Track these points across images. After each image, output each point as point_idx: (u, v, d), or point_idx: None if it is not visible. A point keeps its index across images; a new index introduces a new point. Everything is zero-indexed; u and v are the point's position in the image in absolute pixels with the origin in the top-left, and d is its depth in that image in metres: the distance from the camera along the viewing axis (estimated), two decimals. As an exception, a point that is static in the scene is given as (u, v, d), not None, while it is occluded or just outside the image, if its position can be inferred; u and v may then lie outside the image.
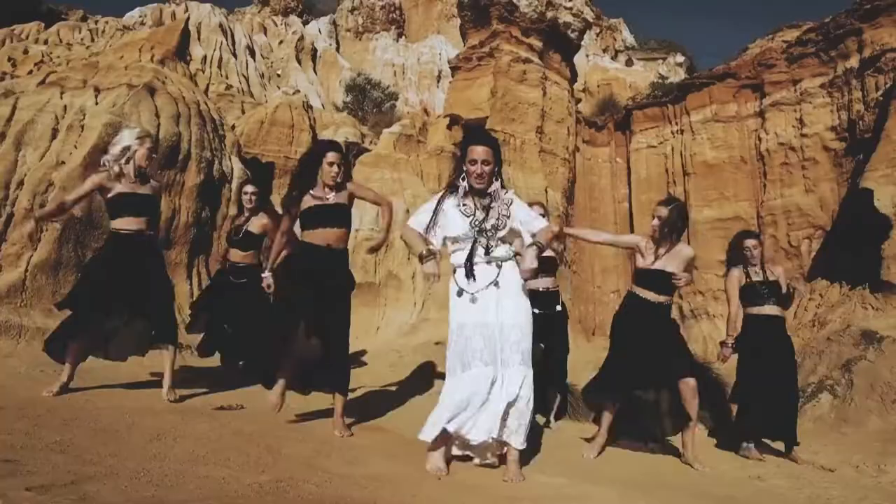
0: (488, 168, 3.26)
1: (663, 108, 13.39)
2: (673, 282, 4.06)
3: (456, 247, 3.26)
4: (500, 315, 3.15)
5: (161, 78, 7.60)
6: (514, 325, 3.16)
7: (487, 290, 3.16)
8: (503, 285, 3.18)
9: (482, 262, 3.19)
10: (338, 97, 19.95)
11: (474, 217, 3.22)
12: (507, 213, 3.26)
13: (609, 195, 14.10)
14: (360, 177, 10.70)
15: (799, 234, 10.97)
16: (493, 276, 3.18)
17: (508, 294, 3.18)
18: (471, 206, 3.25)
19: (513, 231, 3.28)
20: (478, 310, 3.15)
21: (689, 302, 12.24)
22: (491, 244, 3.20)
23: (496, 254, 3.21)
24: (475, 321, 3.15)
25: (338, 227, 3.98)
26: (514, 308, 3.18)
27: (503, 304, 3.16)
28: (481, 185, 3.26)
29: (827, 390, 6.62)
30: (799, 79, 11.45)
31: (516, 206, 3.33)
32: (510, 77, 10.81)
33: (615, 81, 19.77)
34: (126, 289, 4.16)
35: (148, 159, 4.32)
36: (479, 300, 3.16)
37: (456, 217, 3.24)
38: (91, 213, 6.22)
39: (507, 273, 3.21)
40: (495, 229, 3.21)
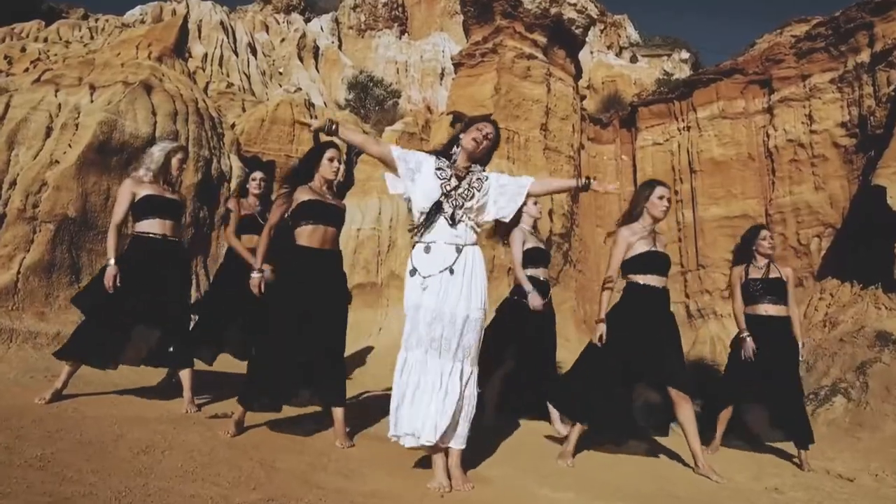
0: (488, 143, 3.23)
1: (669, 105, 13.18)
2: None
3: (422, 211, 3.12)
4: (451, 304, 2.99)
5: (158, 75, 7.45)
6: (465, 319, 3.00)
7: (441, 275, 3.01)
8: (458, 272, 3.03)
9: (441, 240, 3.06)
10: (340, 95, 19.79)
11: (447, 182, 3.12)
12: (478, 186, 3.15)
13: (614, 193, 13.90)
14: (361, 176, 10.56)
15: (808, 233, 10.76)
16: (450, 262, 3.03)
17: (464, 283, 3.03)
18: (447, 171, 3.16)
19: (481, 207, 3.16)
20: (430, 295, 3.00)
21: (696, 301, 12.05)
22: (456, 213, 3.07)
23: (458, 233, 3.07)
24: (427, 305, 3.00)
25: (334, 227, 3.85)
26: (466, 299, 3.02)
27: (455, 292, 3.00)
28: (475, 149, 3.20)
29: (841, 393, 6.44)
30: (808, 74, 11.23)
31: (494, 179, 3.23)
32: (514, 73, 10.62)
33: (620, 78, 19.56)
34: (146, 301, 4.02)
35: (179, 169, 4.33)
36: (430, 286, 3.01)
37: (430, 178, 3.13)
38: (86, 214, 6.08)
39: (465, 259, 3.07)
40: (463, 198, 3.09)
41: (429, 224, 3.07)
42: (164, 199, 4.22)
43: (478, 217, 3.18)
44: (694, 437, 3.82)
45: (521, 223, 4.96)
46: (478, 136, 3.20)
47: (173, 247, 4.26)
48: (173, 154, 4.24)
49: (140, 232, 4.16)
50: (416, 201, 3.16)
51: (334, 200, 3.93)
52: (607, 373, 3.86)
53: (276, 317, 3.68)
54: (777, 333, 4.80)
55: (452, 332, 2.99)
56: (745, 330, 4.91)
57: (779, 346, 4.78)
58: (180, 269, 4.37)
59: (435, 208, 3.07)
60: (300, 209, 3.76)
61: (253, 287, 3.92)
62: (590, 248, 13.09)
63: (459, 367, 2.99)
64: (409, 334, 3.05)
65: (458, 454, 3.01)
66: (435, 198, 3.09)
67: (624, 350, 3.82)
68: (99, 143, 6.21)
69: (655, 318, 3.87)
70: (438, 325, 2.99)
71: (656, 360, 3.81)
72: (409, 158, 3.21)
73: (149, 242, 4.15)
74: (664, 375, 3.84)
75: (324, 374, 3.67)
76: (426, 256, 3.06)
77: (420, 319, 3.01)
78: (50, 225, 5.79)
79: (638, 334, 3.82)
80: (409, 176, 3.17)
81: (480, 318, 3.08)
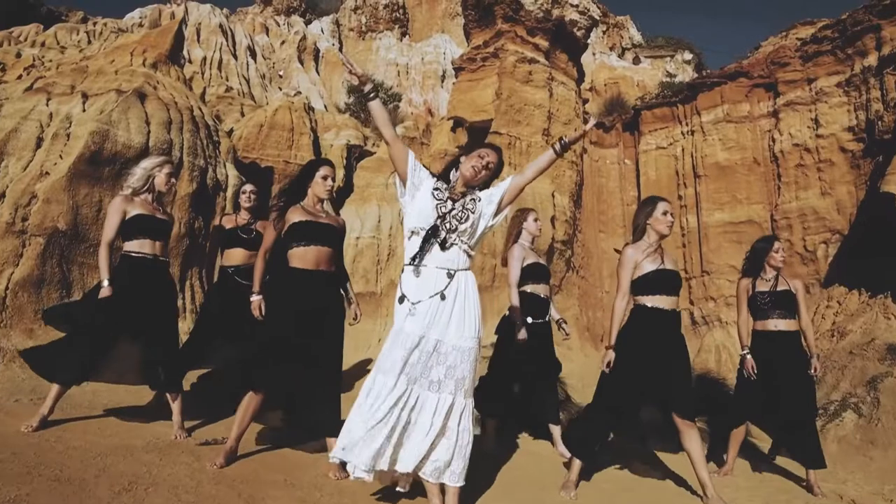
0: (487, 173, 3.09)
1: (673, 109, 13.02)
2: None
3: (413, 231, 2.99)
4: (438, 331, 2.85)
5: (152, 83, 7.31)
6: (455, 348, 2.85)
7: (430, 300, 2.86)
8: (450, 298, 2.88)
9: (432, 265, 2.91)
10: (340, 97, 19.65)
11: (442, 203, 2.97)
12: (472, 207, 3.00)
13: (617, 198, 13.74)
14: (360, 182, 10.43)
15: (815, 239, 10.59)
16: (441, 287, 2.88)
17: (455, 310, 2.88)
18: (444, 193, 3.02)
19: (474, 229, 3.00)
20: (415, 320, 2.85)
21: (701, 308, 11.89)
22: (448, 237, 2.92)
23: (450, 257, 2.92)
24: (409, 330, 2.84)
25: (329, 247, 3.70)
26: (458, 327, 2.87)
27: (445, 319, 2.86)
28: (473, 176, 3.05)
29: (851, 408, 6.27)
30: (814, 77, 11.06)
31: (485, 197, 3.06)
32: (515, 78, 10.46)
33: (622, 80, 19.39)
34: (135, 322, 3.90)
35: (168, 184, 4.18)
36: (419, 312, 2.85)
37: (426, 198, 2.99)
38: (77, 226, 5.95)
39: (458, 285, 2.92)
40: (457, 220, 2.94)
41: (420, 247, 2.92)
42: (155, 219, 4.09)
43: (471, 240, 3.03)
44: (701, 465, 3.66)
45: (521, 239, 4.82)
46: (477, 165, 3.06)
47: (163, 267, 4.15)
48: (159, 170, 4.09)
49: (130, 251, 4.03)
50: (408, 219, 3.03)
51: (329, 219, 3.78)
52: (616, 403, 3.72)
53: (266, 342, 3.54)
54: (788, 349, 4.64)
55: (436, 361, 2.84)
56: (745, 346, 4.75)
57: (790, 362, 4.61)
58: (169, 290, 4.25)
59: (430, 232, 2.93)
60: (292, 231, 3.61)
61: (254, 310, 3.77)
62: (592, 254, 12.94)
63: (446, 399, 2.83)
64: (385, 356, 2.88)
65: (454, 493, 2.85)
66: (429, 219, 2.95)
67: (631, 378, 3.67)
68: (90, 153, 6.08)
69: (663, 344, 3.71)
70: (417, 352, 2.83)
71: (663, 387, 3.66)
72: (417, 173, 3.06)
73: (139, 263, 4.02)
74: (670, 403, 3.69)
75: (318, 402, 3.52)
76: (416, 281, 2.92)
77: (399, 343, 2.85)
78: (40, 238, 5.65)
79: (645, 361, 3.67)
80: (411, 191, 3.04)
81: (474, 347, 2.91)
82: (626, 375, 3.69)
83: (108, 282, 3.83)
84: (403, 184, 3.07)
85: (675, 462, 4.36)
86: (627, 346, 3.72)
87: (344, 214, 10.21)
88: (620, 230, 13.54)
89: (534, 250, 4.92)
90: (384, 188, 10.08)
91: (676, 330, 3.82)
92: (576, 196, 11.67)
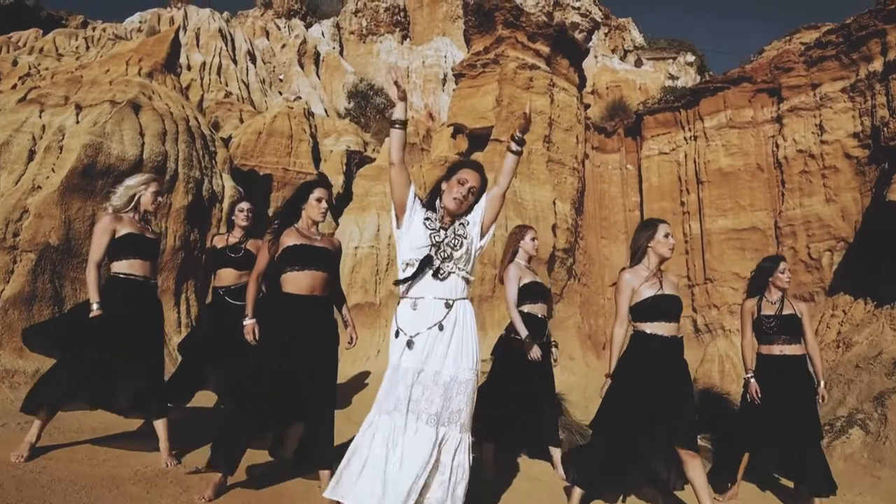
0: (472, 197, 2.96)
1: (675, 114, 12.91)
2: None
3: (407, 262, 2.89)
4: (436, 364, 2.74)
5: (147, 93, 7.21)
6: (453, 380, 2.75)
7: (429, 332, 2.76)
8: (448, 328, 2.78)
9: (430, 296, 2.81)
10: (341, 102, 19.56)
11: (435, 232, 2.88)
12: (463, 232, 2.91)
13: (619, 203, 13.63)
14: (360, 190, 10.31)
15: (819, 247, 10.46)
16: (439, 318, 2.78)
17: (453, 341, 2.78)
18: (435, 222, 2.93)
19: (469, 255, 2.91)
20: (413, 354, 2.75)
21: (704, 316, 11.76)
22: (443, 266, 2.83)
23: (447, 286, 2.83)
24: (407, 366, 2.74)
25: (324, 271, 3.59)
26: (454, 359, 2.76)
27: (442, 351, 2.76)
28: (458, 208, 2.94)
29: (858, 425, 6.15)
30: (818, 83, 10.93)
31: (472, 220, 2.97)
32: (516, 84, 10.35)
33: (625, 83, 19.27)
34: (123, 347, 3.77)
35: (153, 204, 4.06)
36: (417, 345, 2.75)
37: (419, 229, 2.89)
38: (69, 241, 5.85)
39: (456, 315, 2.82)
40: (451, 247, 2.85)
41: (416, 278, 2.82)
42: (145, 239, 3.99)
43: (468, 265, 2.93)
44: (705, 495, 3.54)
45: (518, 258, 4.70)
46: (458, 195, 2.93)
47: (152, 290, 4.05)
48: (145, 188, 3.98)
49: (119, 273, 3.92)
50: (401, 251, 2.93)
51: (324, 242, 3.67)
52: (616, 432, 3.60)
53: (256, 370, 3.44)
54: (793, 374, 4.52)
55: (435, 394, 2.73)
56: (750, 370, 4.64)
57: (795, 387, 4.50)
58: (158, 314, 4.15)
59: (424, 262, 2.83)
60: (285, 254, 3.51)
61: (247, 335, 3.65)
62: (594, 261, 12.82)
63: (443, 433, 2.72)
64: (386, 396, 2.78)
65: None
66: (423, 250, 2.85)
67: (631, 407, 3.56)
68: (83, 166, 5.99)
69: (663, 372, 3.59)
70: (419, 387, 2.73)
71: (664, 416, 3.54)
72: (414, 205, 2.96)
73: (129, 285, 3.91)
74: (672, 433, 3.57)
75: (310, 433, 3.41)
76: (413, 314, 2.82)
77: (399, 380, 2.75)
78: (31, 254, 5.56)
79: (645, 390, 3.55)
80: (407, 223, 2.94)
81: (471, 379, 2.81)
82: (625, 404, 3.58)
83: (97, 305, 3.72)
84: (400, 215, 2.96)
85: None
86: (627, 375, 3.61)
87: (343, 223, 10.10)
88: (622, 236, 13.43)
89: (530, 269, 4.81)
90: (383, 196, 9.97)
91: (677, 357, 3.70)
92: (577, 203, 11.55)
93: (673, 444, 3.59)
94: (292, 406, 3.39)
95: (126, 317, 3.81)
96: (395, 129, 2.95)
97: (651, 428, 3.58)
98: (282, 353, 3.39)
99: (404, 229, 2.95)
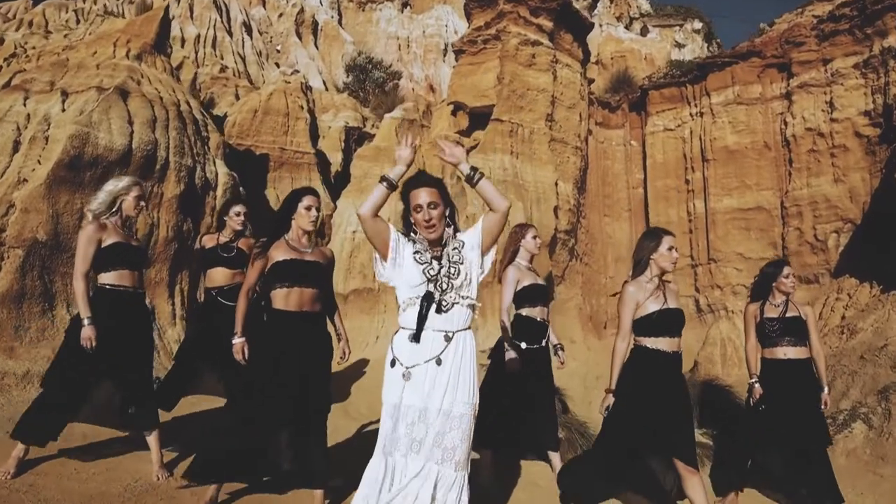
0: (437, 212, 2.77)
1: (682, 89, 12.56)
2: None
3: (407, 303, 2.76)
4: (436, 400, 2.64)
5: (136, 77, 6.98)
6: (448, 414, 2.64)
7: (426, 365, 2.65)
8: (447, 363, 2.66)
9: (430, 327, 2.68)
10: (339, 74, 19.16)
11: (429, 265, 2.73)
12: (458, 258, 2.76)
13: (623, 180, 13.37)
14: (358, 172, 10.13)
15: (826, 228, 10.25)
16: (437, 351, 2.67)
17: (451, 374, 2.66)
18: (425, 254, 2.77)
19: (469, 279, 2.76)
20: (412, 389, 2.65)
21: (707, 296, 11.64)
22: (444, 299, 2.69)
23: (448, 318, 2.69)
24: (409, 403, 2.64)
25: (315, 288, 3.45)
26: (452, 392, 2.65)
27: (442, 385, 2.65)
28: (433, 234, 2.77)
29: (861, 419, 6.07)
30: (830, 58, 10.58)
31: (467, 240, 2.81)
32: (518, 61, 10.03)
33: (630, 54, 18.80)
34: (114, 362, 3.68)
35: (136, 209, 3.91)
36: (415, 377, 2.65)
37: (410, 265, 2.75)
38: (58, 236, 5.72)
39: (456, 348, 2.70)
40: (448, 277, 2.70)
41: (419, 317, 2.68)
42: (131, 248, 3.86)
43: (470, 290, 2.78)
44: None
45: (518, 257, 4.55)
46: (425, 222, 2.75)
47: (140, 300, 3.93)
48: (126, 193, 3.82)
49: (106, 284, 3.78)
50: (400, 292, 2.80)
51: (315, 255, 3.51)
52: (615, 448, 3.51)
53: (246, 388, 3.34)
54: (798, 378, 4.42)
55: (432, 430, 2.63)
56: (754, 375, 4.54)
57: (800, 392, 4.40)
58: (148, 324, 4.06)
59: (425, 300, 2.69)
60: (274, 270, 3.37)
61: (236, 354, 3.53)
62: (597, 240, 12.65)
63: (436, 471, 2.61)
64: (388, 437, 2.68)
65: None
66: (420, 288, 2.72)
67: (631, 422, 3.46)
68: (70, 158, 5.81)
69: (664, 388, 3.49)
70: (422, 425, 2.63)
71: (664, 432, 3.45)
72: (399, 245, 2.80)
73: (118, 296, 3.79)
74: (671, 448, 3.48)
75: (303, 451, 3.33)
76: (411, 346, 2.69)
77: (401, 419, 2.65)
78: (18, 250, 5.43)
79: (645, 405, 3.45)
80: (395, 262, 2.79)
81: (467, 413, 2.69)
82: (625, 420, 3.49)
83: (88, 320, 3.59)
84: (383, 258, 2.81)
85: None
86: (627, 390, 3.51)
87: (341, 206, 9.94)
88: (625, 214, 13.23)
89: (532, 270, 4.66)
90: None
91: (678, 372, 3.60)
92: (580, 182, 11.34)
93: (673, 458, 3.50)
94: (283, 424, 3.30)
95: (115, 329, 3.70)
96: (381, 186, 2.77)
97: (651, 442, 3.50)
98: (272, 371, 3.29)
99: (392, 272, 2.79)
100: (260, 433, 3.29)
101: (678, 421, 3.49)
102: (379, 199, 2.76)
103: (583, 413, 6.04)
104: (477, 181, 2.78)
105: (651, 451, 3.51)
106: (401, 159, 2.80)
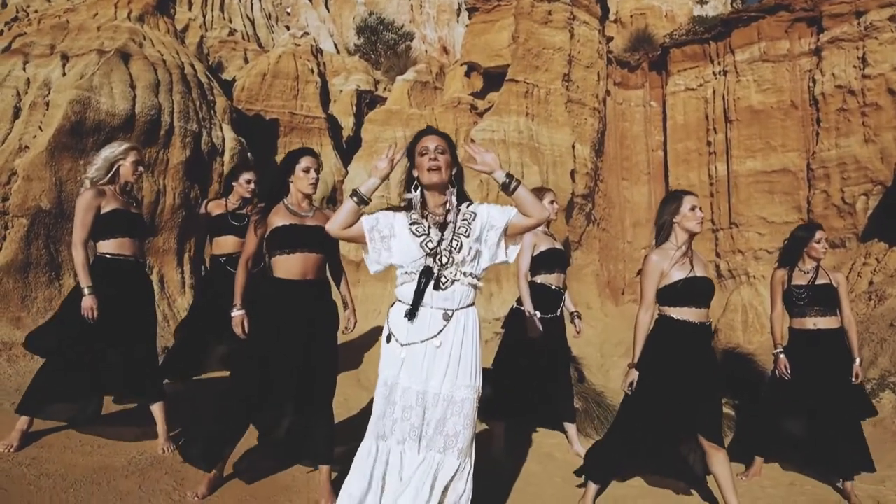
0: (444, 157, 2.58)
1: (704, 46, 12.07)
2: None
3: (404, 278, 2.58)
4: (435, 384, 2.48)
5: (138, 39, 6.77)
6: (448, 399, 2.48)
7: (424, 345, 2.48)
8: (446, 344, 2.49)
9: (428, 304, 2.50)
10: (350, 36, 18.73)
11: (427, 237, 2.53)
12: (465, 230, 2.55)
13: (642, 142, 12.99)
14: (369, 136, 9.90)
15: (855, 190, 9.88)
16: (435, 330, 2.49)
17: (451, 356, 2.49)
18: (424, 224, 2.56)
19: (476, 254, 2.56)
20: (409, 370, 2.49)
21: (728, 261, 11.35)
22: (444, 274, 2.50)
23: (447, 295, 2.50)
24: (406, 385, 2.49)
25: (318, 253, 3.29)
26: (452, 376, 2.49)
27: (441, 368, 2.49)
28: (437, 178, 2.56)
29: (890, 388, 5.88)
30: (864, 10, 10.04)
31: (482, 214, 2.60)
32: (533, 19, 9.63)
33: (650, 11, 18.07)
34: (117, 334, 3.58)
35: (135, 174, 3.75)
36: (409, 357, 2.49)
37: (406, 238, 2.55)
38: (62, 204, 5.60)
39: (455, 327, 2.51)
40: (451, 250, 2.51)
41: (415, 293, 2.50)
42: (131, 215, 3.72)
43: (475, 268, 2.59)
44: (730, 490, 3.32)
45: (536, 223, 4.34)
46: (426, 163, 2.56)
47: (142, 270, 3.81)
48: (124, 158, 3.66)
49: (106, 253, 3.66)
50: (397, 264, 2.61)
51: (317, 218, 3.32)
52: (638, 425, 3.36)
53: (246, 362, 3.22)
54: (829, 349, 4.21)
55: (432, 416, 2.48)
56: (779, 345, 4.34)
57: (831, 363, 4.20)
58: (150, 295, 3.94)
59: (423, 274, 2.50)
60: (273, 236, 3.21)
61: (235, 327, 3.39)
62: (615, 204, 12.36)
63: (438, 460, 2.46)
64: (381, 419, 2.53)
65: None
66: (418, 262, 2.52)
67: (655, 398, 3.29)
68: (71, 124, 5.66)
69: (691, 361, 3.30)
70: (420, 409, 2.48)
71: (689, 407, 3.28)
72: (382, 226, 2.61)
73: (119, 266, 3.66)
74: (697, 425, 3.32)
75: (308, 426, 3.21)
76: (407, 321, 2.51)
77: (396, 401, 2.50)
78: (23, 219, 5.33)
79: (671, 380, 3.28)
80: (384, 246, 2.60)
81: (470, 397, 2.52)
82: (649, 395, 3.32)
83: (89, 290, 3.48)
84: (365, 251, 2.64)
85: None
86: (652, 364, 3.33)
87: (352, 171, 9.74)
88: (644, 177, 12.89)
89: (549, 235, 4.47)
90: (394, 142, 9.55)
91: (707, 345, 3.40)
92: (597, 145, 11.00)
93: (697, 434, 3.35)
94: (287, 398, 3.18)
95: (117, 299, 3.58)
96: (351, 201, 2.58)
97: (676, 418, 3.33)
98: (274, 343, 3.15)
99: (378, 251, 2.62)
100: (261, 411, 3.17)
101: (705, 397, 3.31)
102: (347, 216, 2.60)
103: (599, 382, 5.90)
104: (514, 189, 2.53)
105: (676, 427, 3.35)
106: (376, 171, 2.59)
